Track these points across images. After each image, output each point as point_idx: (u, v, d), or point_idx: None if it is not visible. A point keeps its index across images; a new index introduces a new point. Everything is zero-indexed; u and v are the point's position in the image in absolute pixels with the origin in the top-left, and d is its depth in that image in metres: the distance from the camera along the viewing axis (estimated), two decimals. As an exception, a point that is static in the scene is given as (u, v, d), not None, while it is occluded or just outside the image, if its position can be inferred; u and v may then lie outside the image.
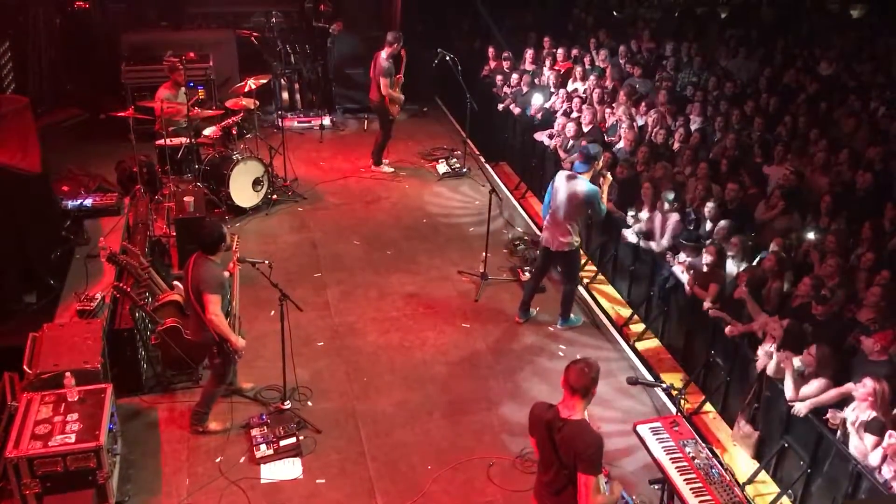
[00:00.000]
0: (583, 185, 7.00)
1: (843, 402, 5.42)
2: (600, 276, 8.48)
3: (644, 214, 7.91)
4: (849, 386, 5.42)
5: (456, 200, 10.14)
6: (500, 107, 11.13)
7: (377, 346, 7.17)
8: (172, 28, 12.36)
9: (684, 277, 6.98)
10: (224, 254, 5.84)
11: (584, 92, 10.72)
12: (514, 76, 11.33)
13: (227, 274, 5.86)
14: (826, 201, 7.28)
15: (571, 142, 9.48)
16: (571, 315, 7.58)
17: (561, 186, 7.13)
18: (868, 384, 5.10)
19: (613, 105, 10.16)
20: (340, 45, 12.28)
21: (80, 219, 7.98)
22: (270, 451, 5.78)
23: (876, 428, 5.00)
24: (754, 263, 6.93)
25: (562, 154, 9.44)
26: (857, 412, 5.18)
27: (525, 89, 11.04)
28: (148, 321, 6.48)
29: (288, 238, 8.99)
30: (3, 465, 4.90)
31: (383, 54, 10.07)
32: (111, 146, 10.01)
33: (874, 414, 5.07)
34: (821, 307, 5.97)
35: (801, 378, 5.60)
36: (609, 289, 8.33)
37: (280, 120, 10.49)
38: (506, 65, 11.79)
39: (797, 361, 5.65)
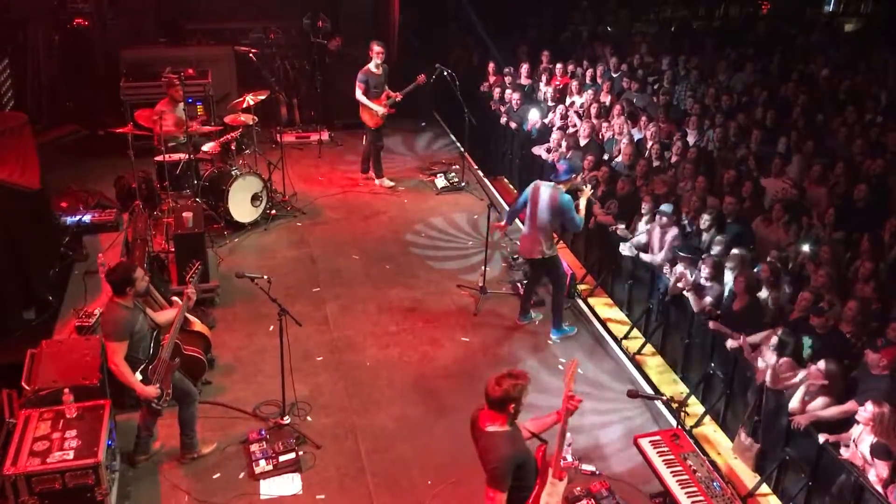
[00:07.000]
0: (561, 193, 7.11)
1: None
2: (599, 290, 8.48)
3: (642, 227, 7.93)
4: (851, 403, 5.40)
5: (455, 214, 10.15)
6: (503, 120, 11.18)
7: (376, 360, 7.15)
8: (171, 44, 12.41)
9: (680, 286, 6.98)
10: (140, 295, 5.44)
11: (582, 107, 10.77)
12: (507, 92, 11.38)
13: (169, 313, 5.69)
14: (829, 214, 7.30)
15: (569, 155, 9.51)
16: (564, 325, 7.61)
17: (538, 196, 7.22)
18: (869, 409, 5.03)
19: (611, 119, 10.20)
20: (339, 61, 12.34)
21: (79, 235, 8.01)
22: (270, 467, 5.74)
23: (881, 452, 4.91)
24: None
25: (560, 168, 9.47)
26: (863, 434, 5.10)
27: (516, 105, 11.08)
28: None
29: (287, 253, 8.99)
30: (2, 483, 4.86)
31: (370, 65, 10.11)
32: (110, 162, 10.06)
33: (875, 438, 4.99)
34: (819, 319, 5.97)
35: (808, 394, 5.58)
36: (608, 302, 8.32)
37: (279, 135, 10.51)
38: (507, 80, 11.84)
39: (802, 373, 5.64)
